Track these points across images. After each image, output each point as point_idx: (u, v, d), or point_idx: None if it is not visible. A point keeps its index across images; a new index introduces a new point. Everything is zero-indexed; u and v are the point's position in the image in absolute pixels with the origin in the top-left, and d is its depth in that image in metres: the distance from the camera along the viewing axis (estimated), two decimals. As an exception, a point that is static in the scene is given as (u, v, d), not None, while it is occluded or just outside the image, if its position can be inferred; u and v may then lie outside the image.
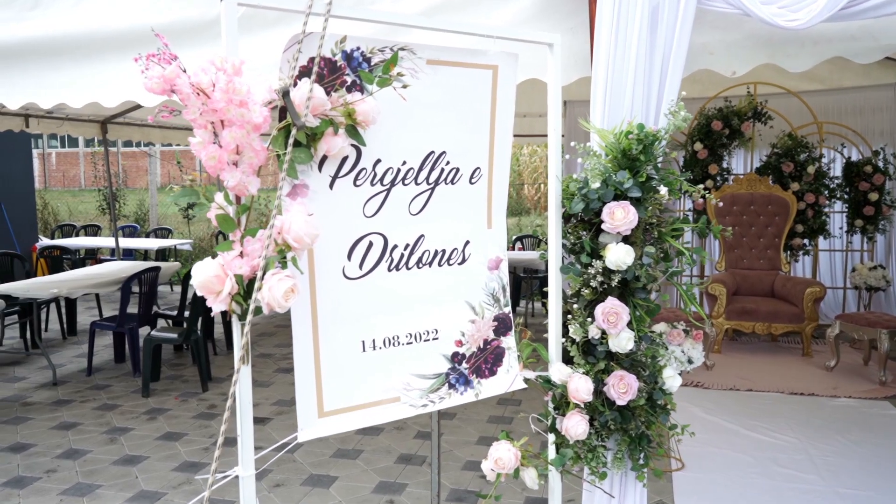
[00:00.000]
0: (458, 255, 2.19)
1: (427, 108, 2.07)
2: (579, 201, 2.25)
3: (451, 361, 2.19)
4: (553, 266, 2.33)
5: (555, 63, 2.26)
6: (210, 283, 1.68)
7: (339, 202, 1.94)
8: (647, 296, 2.31)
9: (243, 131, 1.66)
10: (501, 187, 2.28)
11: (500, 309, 2.30)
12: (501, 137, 2.24)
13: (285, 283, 1.65)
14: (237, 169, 1.69)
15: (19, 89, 3.32)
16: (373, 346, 2.03)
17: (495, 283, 2.29)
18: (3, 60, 3.22)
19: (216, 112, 1.65)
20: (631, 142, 2.23)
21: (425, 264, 2.13)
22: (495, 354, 2.28)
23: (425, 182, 2.10)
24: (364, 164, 1.98)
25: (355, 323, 2.00)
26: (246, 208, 1.74)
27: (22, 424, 5.03)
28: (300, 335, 1.90)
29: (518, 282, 8.26)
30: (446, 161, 2.14)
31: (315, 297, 1.92)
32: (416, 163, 2.08)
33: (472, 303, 2.23)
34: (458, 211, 2.18)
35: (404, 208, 2.07)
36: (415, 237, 2.10)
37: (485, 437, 4.74)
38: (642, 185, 2.23)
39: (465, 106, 2.15)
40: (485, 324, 2.26)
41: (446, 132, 2.13)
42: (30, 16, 3.13)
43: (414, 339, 2.11)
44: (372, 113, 1.87)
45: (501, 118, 2.23)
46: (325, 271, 1.93)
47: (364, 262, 2.00)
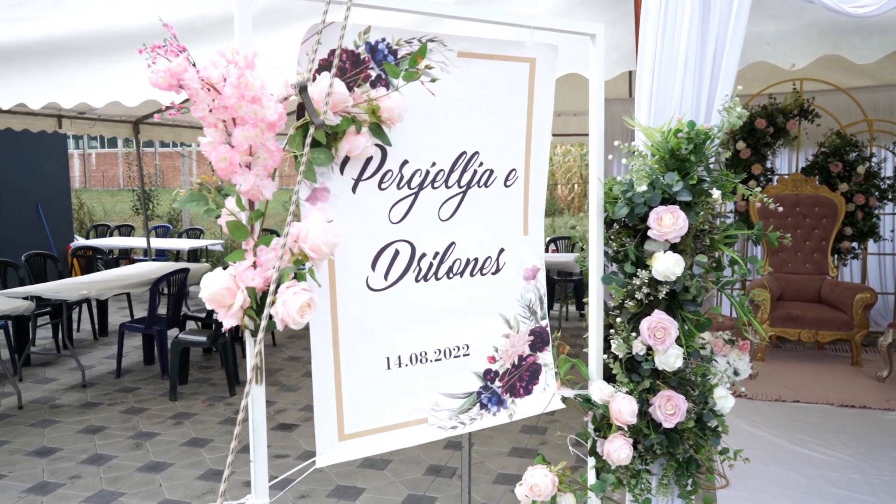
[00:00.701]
0: (491, 263, 2.03)
1: (458, 105, 1.91)
2: (623, 206, 2.07)
3: (483, 379, 2.02)
4: (594, 276, 2.15)
5: (597, 55, 2.08)
6: (220, 295, 1.54)
7: (362, 207, 1.79)
8: (698, 308, 2.12)
9: (256, 130, 1.51)
10: (539, 191, 2.11)
11: (537, 322, 2.12)
12: (539, 136, 2.07)
13: (301, 298, 1.50)
14: (250, 171, 1.55)
15: (42, 89, 3.24)
16: (398, 364, 1.87)
17: (532, 294, 2.11)
18: (23, 60, 3.14)
19: (227, 109, 1.51)
20: (680, 141, 2.04)
21: (456, 274, 1.96)
22: (531, 371, 2.11)
23: (456, 185, 1.94)
24: (390, 166, 1.82)
25: (379, 338, 1.84)
26: (260, 214, 1.60)
27: (49, 427, 4.99)
28: (319, 352, 1.75)
29: (552, 285, 8.06)
30: (479, 162, 1.97)
31: (336, 310, 1.77)
32: (446, 164, 1.91)
33: (507, 316, 2.06)
34: (491, 216, 2.02)
35: (433, 213, 1.91)
36: (445, 245, 1.94)
37: (518, 447, 4.56)
38: (693, 188, 2.04)
39: (499, 102, 1.98)
40: (520, 338, 2.09)
41: (479, 131, 1.96)
42: (49, 14, 3.04)
43: (443, 355, 1.95)
44: (398, 110, 1.71)
45: (539, 115, 2.06)
46: (347, 282, 1.78)
47: (390, 272, 1.85)
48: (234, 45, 1.53)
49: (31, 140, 10.20)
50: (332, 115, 1.62)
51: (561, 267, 8.10)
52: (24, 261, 6.93)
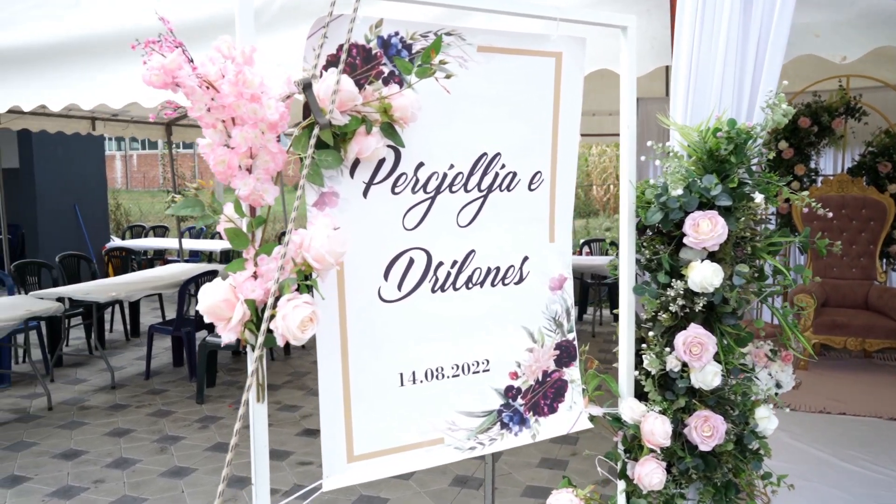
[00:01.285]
0: (514, 273, 1.90)
1: (478, 103, 1.79)
2: (657, 211, 1.92)
3: (505, 397, 1.89)
4: (625, 285, 2.00)
5: (629, 49, 1.93)
6: (218, 308, 1.44)
7: (374, 213, 1.68)
8: (738, 322, 1.96)
9: (256, 131, 1.41)
10: (566, 195, 1.97)
11: (564, 335, 1.99)
12: (566, 136, 1.93)
13: (302, 311, 1.39)
14: (251, 175, 1.44)
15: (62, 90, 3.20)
16: (412, 380, 1.75)
17: (558, 305, 1.98)
18: (42, 60, 3.09)
19: (225, 108, 1.40)
20: (720, 141, 1.89)
21: (476, 284, 1.84)
22: (556, 388, 1.97)
23: (476, 189, 1.81)
24: (404, 169, 1.70)
25: (392, 353, 1.73)
26: (262, 221, 1.49)
27: (77, 430, 4.99)
28: (326, 367, 1.64)
29: (585, 289, 7.87)
30: (501, 164, 1.84)
31: (345, 322, 1.66)
32: (465, 166, 1.79)
33: (531, 329, 1.93)
34: (515, 222, 1.89)
35: (451, 219, 1.79)
36: (464, 253, 1.81)
37: (547, 458, 4.41)
38: (733, 192, 1.88)
39: (523, 100, 1.85)
40: (545, 353, 1.95)
41: (501, 131, 1.83)
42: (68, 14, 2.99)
43: (461, 370, 1.82)
44: (411, 108, 1.59)
45: (566, 114, 1.92)
46: (357, 293, 1.67)
47: (404, 283, 1.73)
48: (231, 39, 1.42)
49: (69, 142, 10.35)
50: (338, 114, 1.51)
51: (595, 270, 7.90)
52: (58, 262, 6.98)
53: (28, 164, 10.54)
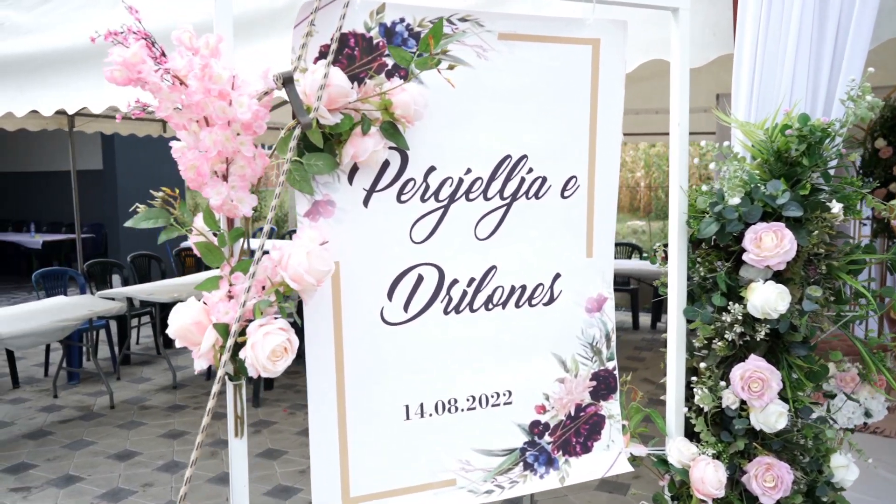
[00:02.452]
0: (543, 292, 1.66)
1: (501, 99, 1.56)
2: (711, 222, 1.65)
3: (530, 433, 1.66)
4: (674, 307, 1.73)
5: (681, 33, 1.67)
6: (188, 332, 1.28)
7: (376, 224, 1.48)
8: (810, 353, 1.66)
9: (227, 132, 1.23)
10: (607, 202, 1.72)
11: (602, 364, 1.74)
12: (606, 135, 1.69)
13: (273, 340, 1.20)
14: (225, 182, 1.27)
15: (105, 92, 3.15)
16: (420, 413, 1.55)
17: (596, 329, 1.73)
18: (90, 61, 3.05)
19: (193, 108, 1.23)
20: (789, 139, 1.60)
21: (497, 305, 1.61)
22: (591, 424, 1.73)
23: (498, 196, 1.59)
24: (412, 174, 1.50)
25: (397, 381, 1.53)
26: (239, 234, 1.32)
27: (134, 430, 5.02)
28: (319, 397, 1.45)
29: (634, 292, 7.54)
30: (528, 168, 1.61)
31: (341, 347, 1.47)
32: (485, 171, 1.57)
33: (562, 356, 1.69)
34: (544, 235, 1.65)
35: (468, 231, 1.57)
36: (483, 269, 1.59)
37: (608, 480, 4.10)
38: (804, 201, 1.59)
39: (554, 94, 1.62)
40: (579, 384, 1.71)
41: (528, 130, 1.61)
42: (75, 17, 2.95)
43: (478, 403, 1.61)
44: (414, 105, 1.39)
45: (606, 110, 1.67)
46: (356, 314, 1.48)
47: (411, 303, 1.53)
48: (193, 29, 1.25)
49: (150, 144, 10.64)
50: (326, 112, 1.32)
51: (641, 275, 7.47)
52: (129, 261, 7.13)
53: (111, 166, 10.91)
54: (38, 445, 4.72)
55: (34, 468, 4.36)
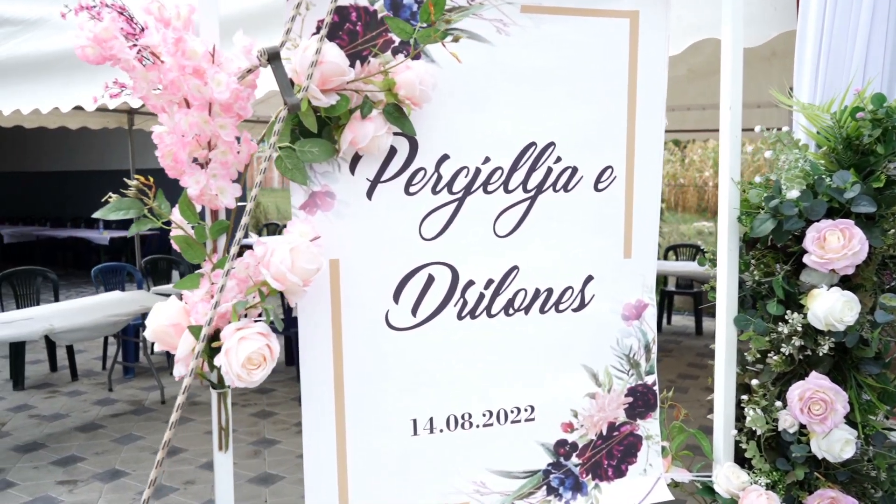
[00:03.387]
0: (573, 296, 1.49)
1: (524, 80, 1.40)
2: (767, 219, 1.44)
3: (555, 454, 1.49)
4: (723, 316, 1.53)
5: (733, 7, 1.46)
6: (165, 334, 1.16)
7: (381, 218, 1.34)
8: (883, 371, 1.44)
9: (203, 114, 1.11)
10: (649, 196, 1.53)
11: (640, 378, 1.55)
12: (647, 120, 1.50)
13: (249, 346, 1.07)
14: (204, 170, 1.15)
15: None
16: (429, 428, 1.40)
17: (634, 339, 1.54)
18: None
19: (170, 88, 1.11)
20: (861, 124, 1.38)
21: (519, 310, 1.45)
22: (626, 446, 1.54)
23: (521, 189, 1.43)
24: (422, 163, 1.35)
25: (404, 393, 1.38)
26: (222, 228, 1.19)
27: (182, 426, 5.03)
28: (314, 410, 1.32)
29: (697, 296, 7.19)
30: (556, 157, 1.44)
31: (341, 354, 1.33)
32: (506, 160, 1.41)
33: (594, 368, 1.51)
34: (575, 232, 1.48)
35: (486, 227, 1.41)
36: (503, 270, 1.43)
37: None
38: (878, 195, 1.37)
39: (586, 74, 1.44)
40: (612, 400, 1.52)
41: (556, 115, 1.43)
42: None
43: (496, 418, 1.44)
44: (421, 85, 1.24)
45: (646, 90, 1.48)
46: (357, 318, 1.34)
47: (420, 306, 1.38)
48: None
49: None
50: (318, 92, 1.18)
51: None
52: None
53: (175, 164, 11.13)
54: (88, 439, 4.78)
55: (83, 461, 4.40)
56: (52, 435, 4.84)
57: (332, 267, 1.31)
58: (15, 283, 6.19)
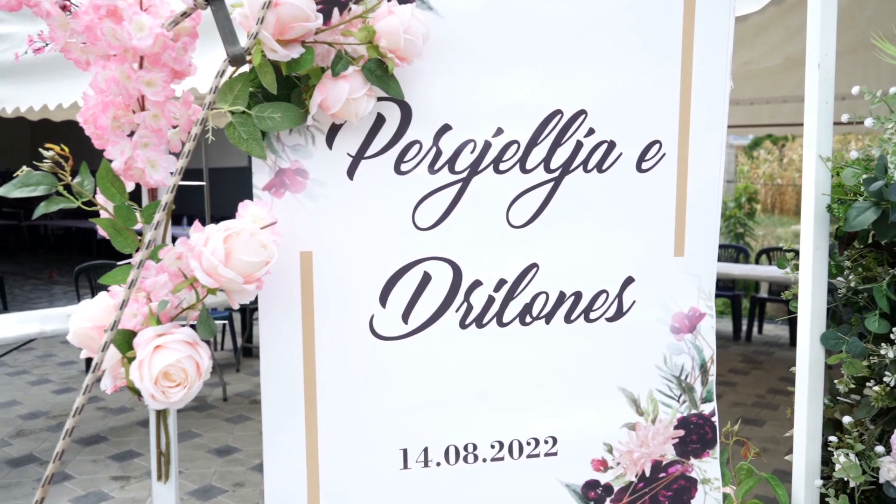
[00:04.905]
0: (607, 302, 1.20)
1: (548, 30, 1.12)
2: (867, 207, 1.11)
3: (583, 498, 1.20)
4: (806, 332, 1.20)
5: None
6: (87, 337, 0.96)
7: (366, 202, 1.09)
8: None
9: (123, 68, 0.89)
10: (708, 178, 1.22)
11: (694, 406, 1.24)
12: (707, 83, 1.19)
13: (166, 358, 0.85)
14: (131, 138, 0.93)
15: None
16: (423, 461, 1.14)
17: (686, 356, 1.23)
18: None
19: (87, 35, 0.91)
20: None
21: (538, 318, 1.17)
22: (675, 491, 1.23)
23: (543, 168, 1.15)
24: (416, 135, 1.10)
25: (392, 417, 1.13)
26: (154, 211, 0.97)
27: (240, 425, 4.96)
28: (278, 437, 1.09)
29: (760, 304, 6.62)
30: (587, 129, 1.16)
31: (314, 369, 1.09)
32: (523, 133, 1.13)
33: (634, 392, 1.22)
34: (610, 222, 1.19)
35: (498, 215, 1.14)
36: (518, 269, 1.16)
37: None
38: None
39: (627, 24, 1.15)
40: (658, 432, 1.22)
41: (588, 76, 1.15)
42: None
43: (507, 451, 1.17)
44: (406, 34, 0.98)
45: (706, 46, 1.18)
46: (335, 324, 1.09)
47: (413, 311, 1.12)
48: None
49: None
50: (273, 41, 0.94)
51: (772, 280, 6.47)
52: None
53: (253, 163, 11.33)
54: (147, 434, 4.76)
55: (139, 457, 4.38)
56: (114, 429, 4.86)
57: (304, 261, 1.08)
58: (91, 276, 6.32)
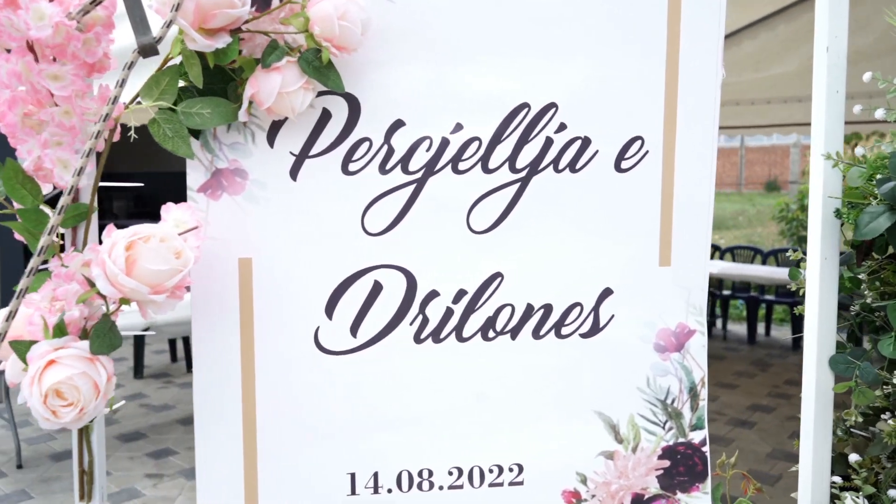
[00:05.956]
0: (581, 316, 1.08)
1: (513, 16, 1.02)
2: (882, 212, 0.96)
3: (551, 533, 1.08)
4: (812, 354, 1.05)
5: None
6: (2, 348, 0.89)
7: (310, 205, 1.01)
8: None
9: (25, 60, 0.83)
10: (698, 179, 1.09)
11: (682, 434, 1.11)
12: (695, 73, 1.06)
13: (56, 374, 0.79)
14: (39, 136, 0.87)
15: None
16: (373, 487, 1.05)
17: (673, 378, 1.10)
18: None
19: (-8, 25, 0.85)
20: None
21: (502, 333, 1.06)
22: (658, 529, 1.10)
23: (507, 168, 1.04)
24: (365, 132, 1.01)
25: (339, 439, 1.04)
26: (80, 214, 0.91)
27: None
28: (213, 461, 1.01)
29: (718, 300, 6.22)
30: (558, 124, 1.04)
31: (253, 386, 1.01)
32: (485, 129, 1.03)
33: (613, 417, 1.09)
34: (585, 227, 1.07)
35: (457, 220, 1.04)
36: (480, 278, 1.05)
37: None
38: None
39: (599, 9, 1.03)
40: (640, 462, 1.10)
41: (558, 65, 1.04)
42: None
43: (467, 479, 1.07)
44: (342, 21, 0.90)
45: (693, 32, 1.05)
46: (277, 338, 1.01)
47: (362, 324, 1.03)
48: None
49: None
50: (191, 30, 0.87)
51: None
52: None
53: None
54: (186, 432, 4.82)
55: (174, 455, 4.42)
56: (155, 426, 4.93)
57: (243, 268, 1.00)
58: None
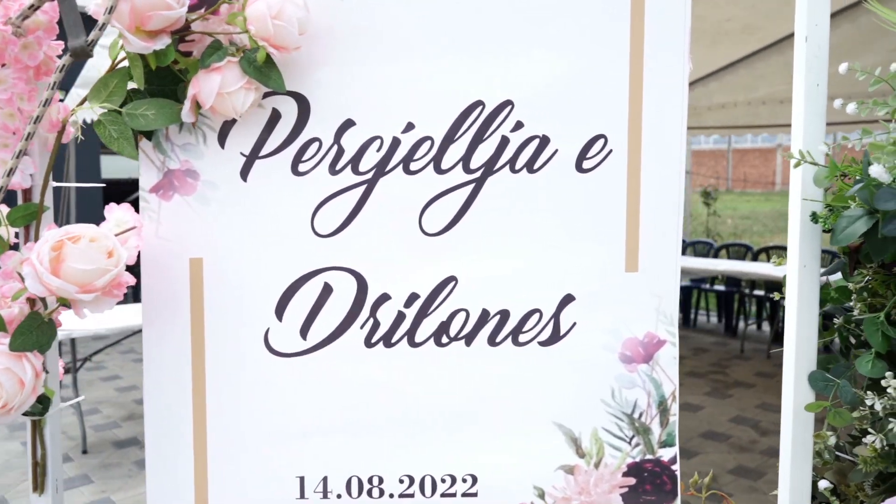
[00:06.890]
0: (540, 323, 1.03)
1: (465, 10, 0.99)
2: (859, 216, 0.87)
3: (506, 549, 1.04)
4: (790, 370, 0.97)
5: None
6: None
7: (260, 206, 1.01)
8: None
9: (-37, 63, 0.87)
10: (666, 178, 1.02)
11: (650, 451, 1.04)
12: (661, 63, 1.00)
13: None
14: (-13, 139, 0.91)
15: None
16: (322, 491, 1.03)
17: (640, 391, 1.04)
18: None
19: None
20: None
21: (456, 339, 1.03)
22: (621, 551, 1.04)
23: (461, 168, 1.01)
24: (315, 132, 1.00)
25: (288, 442, 1.03)
26: (29, 215, 0.94)
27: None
28: (162, 463, 1.02)
29: None
30: (515, 123, 1.00)
31: (203, 388, 1.02)
32: (437, 128, 1.00)
33: (574, 430, 1.04)
34: (544, 231, 1.02)
35: (408, 221, 1.01)
36: (433, 282, 1.02)
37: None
38: None
39: (558, 5, 0.99)
40: (602, 478, 1.04)
41: (514, 60, 1.00)
42: None
43: (418, 488, 1.04)
44: (277, 20, 0.89)
45: (659, 22, 0.99)
46: (227, 339, 1.02)
47: (312, 326, 1.02)
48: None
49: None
50: (126, 33, 0.88)
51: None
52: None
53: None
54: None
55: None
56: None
57: (194, 268, 1.01)
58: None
